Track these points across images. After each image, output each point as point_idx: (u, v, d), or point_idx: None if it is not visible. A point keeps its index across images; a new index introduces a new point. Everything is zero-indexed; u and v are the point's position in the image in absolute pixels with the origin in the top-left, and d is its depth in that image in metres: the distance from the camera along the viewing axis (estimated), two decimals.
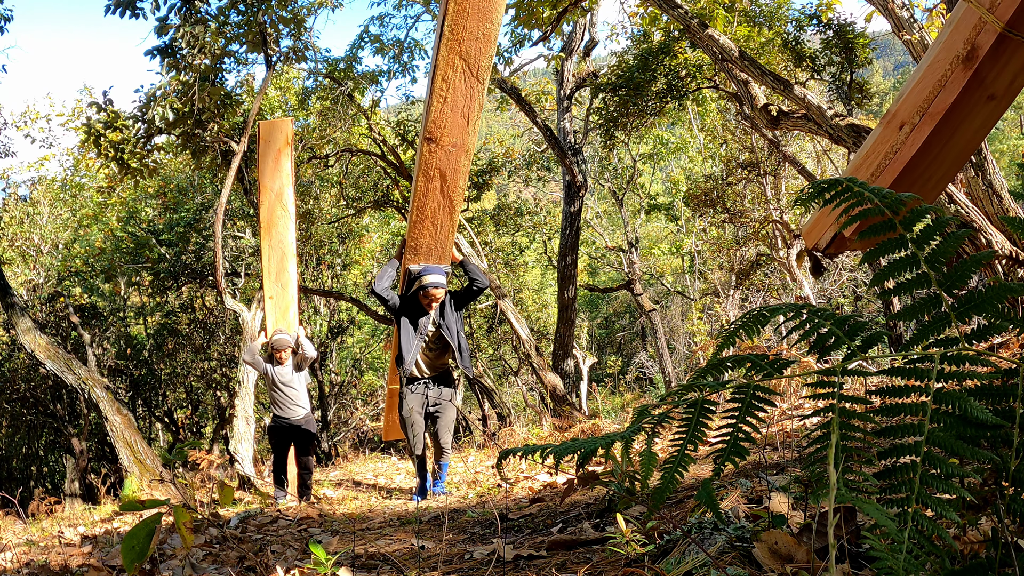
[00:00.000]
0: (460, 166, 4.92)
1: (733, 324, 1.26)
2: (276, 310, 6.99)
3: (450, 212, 5.11)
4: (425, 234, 5.21)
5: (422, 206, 5.05)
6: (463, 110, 4.66)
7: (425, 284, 5.07)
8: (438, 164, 4.88)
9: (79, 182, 15.85)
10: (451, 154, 4.83)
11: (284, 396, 6.26)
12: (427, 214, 5.08)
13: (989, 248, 4.90)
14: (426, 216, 5.09)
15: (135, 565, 1.31)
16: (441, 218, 5.12)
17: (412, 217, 5.12)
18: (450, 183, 4.95)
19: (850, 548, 1.41)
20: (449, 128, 4.72)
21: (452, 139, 4.77)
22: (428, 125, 4.71)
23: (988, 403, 0.99)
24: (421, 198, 5.03)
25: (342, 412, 19.22)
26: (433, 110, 4.64)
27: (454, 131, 4.74)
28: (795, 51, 9.54)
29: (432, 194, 5.02)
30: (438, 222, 5.15)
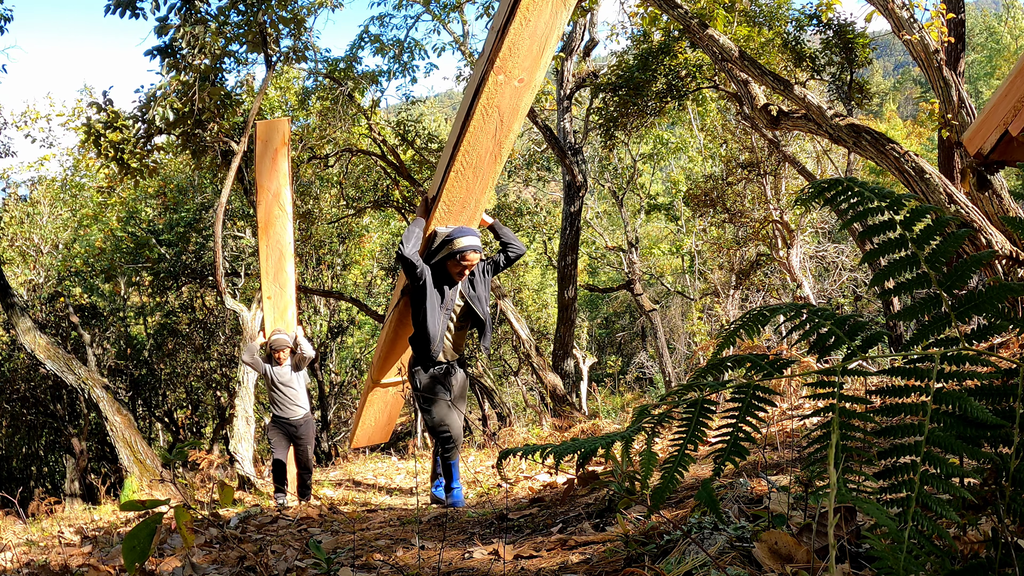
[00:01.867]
0: (520, 106, 4.23)
1: (733, 324, 1.26)
2: (274, 310, 6.99)
3: (495, 162, 4.36)
4: (462, 186, 4.40)
5: (469, 151, 4.25)
6: (542, 38, 4.04)
7: (460, 248, 4.28)
8: (499, 101, 4.13)
9: (79, 182, 15.85)
10: (516, 90, 4.14)
11: (283, 396, 6.27)
12: (472, 161, 4.28)
13: (989, 248, 4.90)
14: (470, 164, 4.29)
15: (136, 565, 1.31)
16: (485, 168, 4.34)
17: (453, 165, 4.31)
18: (505, 126, 4.22)
19: (850, 548, 1.41)
20: (522, 58, 4.05)
21: (522, 71, 4.10)
22: (501, 51, 4.00)
23: (988, 403, 0.99)
24: (471, 141, 4.23)
25: (342, 412, 19.22)
26: (511, 33, 3.96)
27: (527, 62, 4.07)
28: (795, 51, 9.54)
29: (483, 138, 4.22)
30: (481, 173, 4.35)
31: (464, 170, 4.31)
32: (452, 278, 4.40)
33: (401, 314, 4.93)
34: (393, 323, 5.04)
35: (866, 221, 1.09)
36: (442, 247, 4.38)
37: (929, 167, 5.27)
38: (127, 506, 1.43)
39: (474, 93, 4.19)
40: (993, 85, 28.74)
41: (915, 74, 39.99)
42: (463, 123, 4.28)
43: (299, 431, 6.34)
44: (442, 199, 4.45)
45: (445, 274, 4.40)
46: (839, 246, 15.54)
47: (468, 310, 4.54)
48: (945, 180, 5.24)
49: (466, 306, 4.53)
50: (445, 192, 4.42)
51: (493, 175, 4.44)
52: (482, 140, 4.24)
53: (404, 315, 4.89)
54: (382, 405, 5.93)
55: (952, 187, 5.19)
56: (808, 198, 1.15)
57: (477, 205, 4.54)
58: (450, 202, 4.46)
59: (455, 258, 4.31)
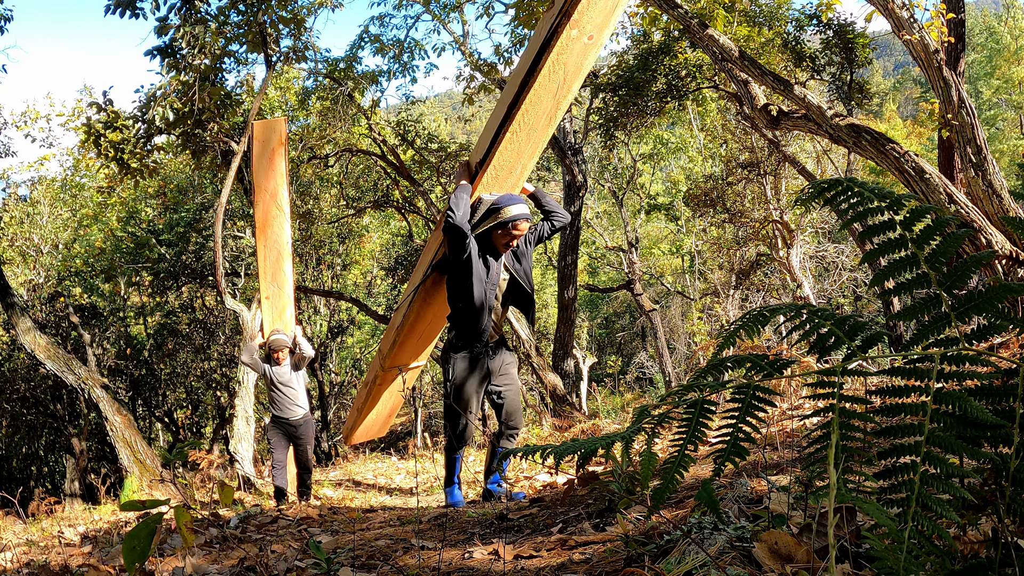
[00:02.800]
0: (583, 66, 3.97)
1: (733, 324, 1.26)
2: (273, 310, 6.98)
3: (548, 124, 4.02)
4: (513, 150, 4.03)
5: (528, 111, 3.93)
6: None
7: (511, 217, 3.91)
8: (567, 58, 3.86)
9: (79, 182, 15.85)
10: (585, 48, 3.92)
11: (282, 396, 6.27)
12: (528, 122, 3.95)
13: (989, 248, 4.91)
14: (526, 125, 3.94)
15: (136, 565, 1.31)
16: (539, 131, 4.01)
17: (508, 126, 3.98)
18: (567, 86, 3.95)
19: (850, 548, 1.41)
20: (597, 12, 3.85)
21: (593, 28, 3.89)
22: (579, 3, 3.81)
23: (988, 403, 0.99)
24: (532, 100, 3.92)
25: (342, 412, 19.22)
26: None
27: (599, 18, 3.88)
28: (795, 51, 9.54)
29: (544, 97, 3.91)
30: (534, 136, 4.01)
31: (519, 131, 3.96)
32: (497, 250, 4.02)
33: (428, 293, 4.49)
34: (417, 303, 4.53)
35: (866, 221, 1.09)
36: (488, 216, 3.97)
37: (929, 167, 5.27)
38: (127, 506, 1.43)
39: (541, 47, 3.90)
40: (993, 85, 28.77)
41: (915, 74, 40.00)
42: (525, 80, 3.95)
43: (299, 431, 6.34)
44: (492, 163, 4.04)
45: (490, 245, 4.01)
46: (839, 246, 15.54)
47: (514, 285, 4.18)
48: (945, 180, 5.25)
49: (511, 281, 4.18)
50: (496, 155, 4.02)
51: (544, 139, 4.11)
52: (543, 99, 3.93)
53: (432, 293, 4.48)
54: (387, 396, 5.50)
55: (952, 187, 5.19)
56: (808, 198, 1.15)
57: (524, 171, 4.18)
58: (499, 167, 4.07)
59: (505, 228, 3.94)
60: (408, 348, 4.88)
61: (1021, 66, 26.69)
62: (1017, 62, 26.88)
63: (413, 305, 4.56)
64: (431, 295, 4.51)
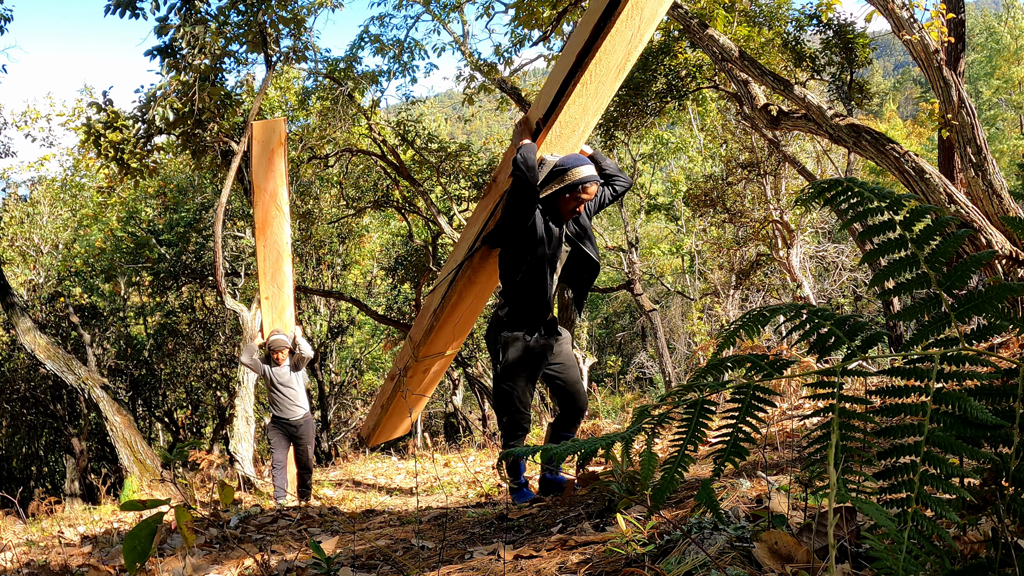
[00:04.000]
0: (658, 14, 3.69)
1: (733, 324, 1.26)
2: (272, 310, 6.98)
3: (616, 78, 3.65)
4: (580, 105, 3.65)
5: (601, 60, 3.58)
6: None
7: (583, 178, 3.50)
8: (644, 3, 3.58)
9: (79, 182, 15.85)
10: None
11: (282, 396, 6.28)
12: (599, 73, 3.59)
13: (989, 248, 4.91)
14: (596, 77, 3.58)
15: (136, 565, 1.31)
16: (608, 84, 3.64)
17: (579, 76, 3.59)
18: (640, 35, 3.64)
19: (850, 548, 1.41)
20: None
21: None
22: None
23: (988, 403, 0.99)
24: (607, 48, 3.56)
25: (342, 412, 19.22)
26: None
27: None
28: (795, 51, 9.54)
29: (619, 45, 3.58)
30: (602, 90, 3.64)
31: (589, 84, 3.58)
32: (562, 216, 3.61)
33: (474, 270, 4.03)
34: (460, 282, 4.06)
35: (866, 221, 1.09)
36: (554, 177, 3.57)
37: (929, 167, 5.27)
38: (127, 506, 1.43)
39: None
40: (993, 85, 28.77)
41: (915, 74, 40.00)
42: (600, 25, 3.60)
43: (299, 431, 6.35)
44: (557, 119, 3.65)
45: (554, 211, 3.61)
46: (839, 246, 15.55)
47: (576, 258, 3.72)
48: (945, 180, 5.25)
49: (573, 253, 3.73)
50: (563, 111, 3.63)
51: (610, 95, 3.75)
52: (617, 48, 3.57)
53: (478, 271, 4.04)
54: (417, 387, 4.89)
55: (952, 187, 5.19)
56: (808, 198, 1.15)
57: (586, 130, 3.81)
58: (565, 123, 3.66)
59: (574, 191, 3.53)
60: (444, 334, 4.38)
61: (1021, 66, 26.69)
62: (1017, 62, 26.88)
63: (455, 285, 4.06)
64: (477, 273, 4.04)
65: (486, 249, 3.91)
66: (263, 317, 7.01)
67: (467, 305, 4.24)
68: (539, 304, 3.61)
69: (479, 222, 4.02)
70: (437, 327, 4.24)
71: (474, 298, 4.22)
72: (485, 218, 3.94)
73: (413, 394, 4.79)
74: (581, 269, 3.72)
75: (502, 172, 3.89)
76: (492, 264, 3.93)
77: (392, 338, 18.50)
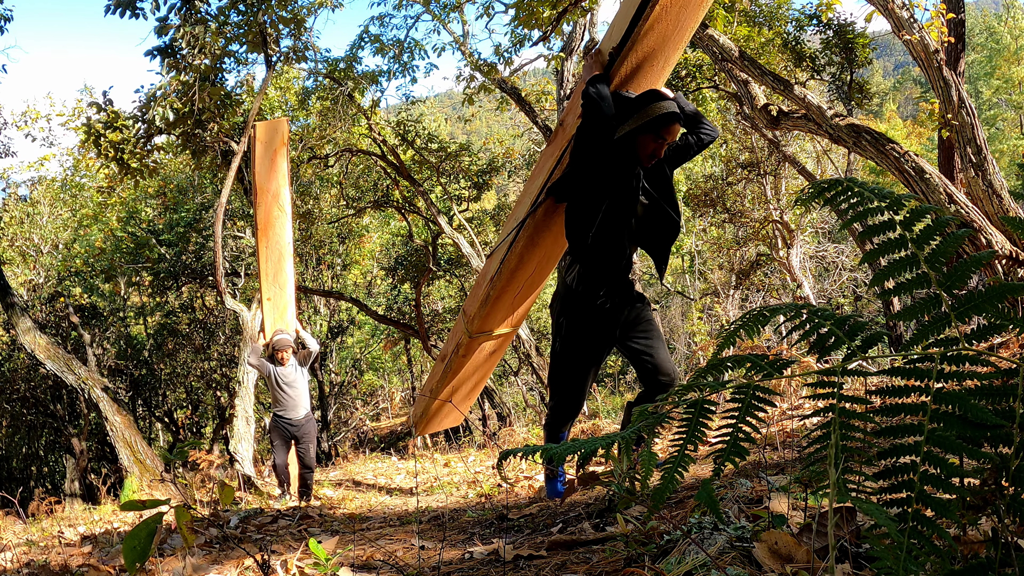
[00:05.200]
0: None
1: (733, 324, 1.26)
2: (274, 311, 6.98)
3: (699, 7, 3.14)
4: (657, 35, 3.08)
5: None
6: None
7: (664, 114, 2.95)
8: None
9: (79, 182, 15.85)
10: None
11: (286, 396, 6.29)
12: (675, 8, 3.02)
13: (989, 248, 4.91)
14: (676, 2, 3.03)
15: (136, 565, 1.31)
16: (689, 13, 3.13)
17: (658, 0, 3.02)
18: None
19: (850, 548, 1.41)
20: None
21: None
22: None
23: (988, 403, 0.99)
24: None
25: (342, 412, 19.22)
26: None
27: None
28: (795, 51, 9.54)
29: None
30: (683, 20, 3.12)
31: (670, 8, 3.04)
32: (640, 160, 3.06)
33: (537, 228, 3.51)
34: (521, 243, 3.54)
35: (866, 221, 1.09)
36: (630, 114, 3.02)
37: (929, 167, 5.27)
38: (127, 506, 1.43)
39: None
40: (993, 85, 28.76)
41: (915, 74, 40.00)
42: None
43: (300, 431, 6.36)
44: (633, 50, 3.10)
45: (631, 154, 3.05)
46: (839, 246, 15.55)
47: (653, 212, 3.15)
48: (945, 180, 5.25)
49: (650, 207, 3.14)
50: (640, 40, 3.09)
51: (694, 26, 3.24)
52: None
53: (542, 229, 3.52)
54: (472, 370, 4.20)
55: (952, 187, 5.19)
56: (808, 198, 1.15)
57: (667, 67, 3.29)
58: (642, 55, 3.13)
59: (655, 129, 2.97)
60: (503, 305, 3.82)
61: (1021, 66, 26.69)
62: (1017, 62, 26.88)
63: (515, 247, 3.55)
64: (540, 232, 3.53)
65: (551, 203, 3.39)
66: (265, 317, 7.01)
67: (529, 272, 3.70)
68: (614, 265, 3.10)
69: (543, 172, 3.51)
70: (494, 297, 3.69)
71: (537, 264, 3.70)
72: (551, 167, 3.43)
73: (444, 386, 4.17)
74: (659, 229, 3.15)
75: (569, 113, 3.40)
76: (558, 222, 3.45)
77: (392, 338, 18.51)
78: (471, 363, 4.06)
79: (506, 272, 3.60)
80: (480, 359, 4.09)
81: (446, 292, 19.48)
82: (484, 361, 4.14)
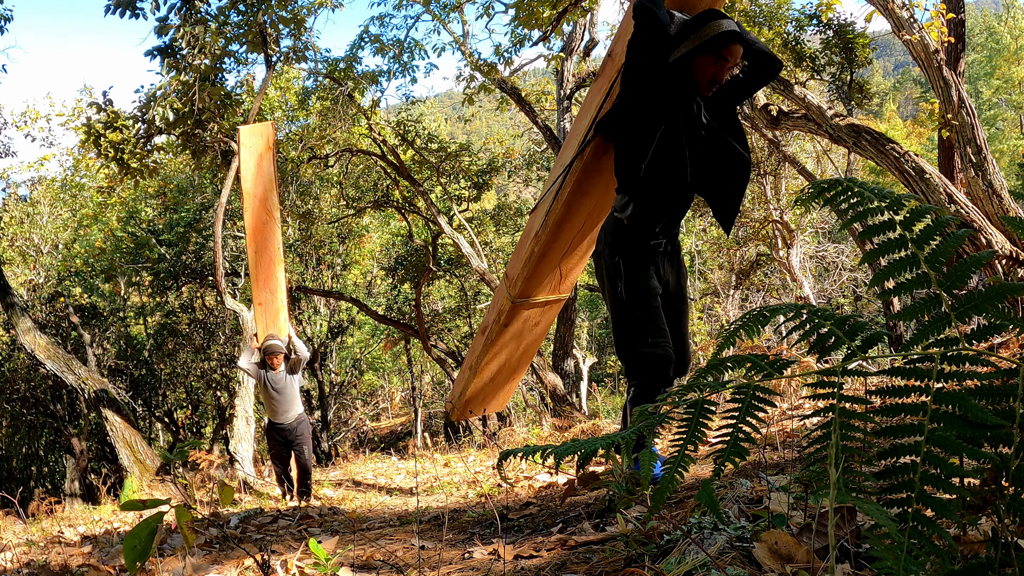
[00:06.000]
0: None
1: (733, 324, 1.26)
2: (266, 316, 6.88)
3: None
4: None
5: None
6: None
7: (723, 32, 2.63)
8: None
9: (79, 182, 15.86)
10: None
11: (276, 401, 6.26)
12: None
13: (989, 248, 4.91)
14: None
15: (136, 565, 1.31)
16: None
17: None
18: None
19: (850, 548, 1.41)
20: None
21: None
22: None
23: (988, 403, 0.99)
24: None
25: (342, 412, 19.23)
26: None
27: None
28: (795, 51, 9.54)
29: None
30: None
31: None
32: (698, 88, 2.72)
33: (586, 171, 3.09)
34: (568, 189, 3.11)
35: (866, 221, 1.09)
36: (686, 34, 2.69)
37: (929, 167, 5.27)
38: (127, 506, 1.43)
39: None
40: (993, 85, 28.76)
41: (915, 74, 40.00)
42: None
43: (293, 434, 6.34)
44: None
45: (688, 81, 2.70)
46: (839, 246, 15.55)
47: (715, 148, 2.78)
48: (945, 180, 5.25)
49: (715, 146, 2.78)
50: None
51: None
52: None
53: (591, 172, 3.11)
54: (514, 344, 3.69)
55: (952, 187, 5.19)
56: (808, 198, 1.15)
57: None
58: None
59: (714, 50, 2.64)
60: (548, 265, 3.37)
61: (1021, 66, 26.69)
62: (1017, 62, 26.88)
63: (562, 194, 3.14)
64: (589, 176, 3.12)
65: (600, 142, 3.03)
66: (256, 323, 6.92)
67: (577, 226, 3.24)
68: (671, 202, 2.72)
69: (591, 109, 3.11)
70: (538, 255, 3.27)
71: (587, 216, 3.26)
72: (599, 102, 3.06)
73: None
74: (726, 168, 2.78)
75: (618, 42, 3.07)
76: (608, 166, 3.04)
77: (392, 338, 18.51)
78: (513, 335, 3.58)
79: (551, 224, 3.16)
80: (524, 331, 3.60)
81: (446, 292, 19.48)
82: (529, 334, 3.65)
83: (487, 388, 3.92)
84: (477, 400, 3.96)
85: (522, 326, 3.61)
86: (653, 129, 2.66)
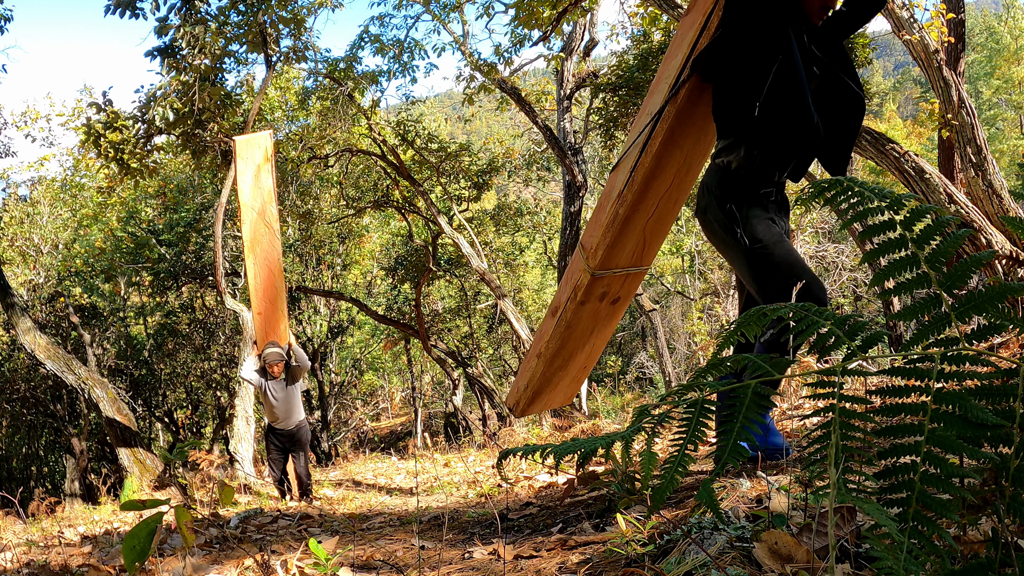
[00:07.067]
0: None
1: (733, 324, 1.26)
2: (266, 325, 6.82)
3: None
4: None
5: None
6: None
7: None
8: None
9: (79, 182, 15.86)
10: None
11: (277, 408, 6.26)
12: None
13: (989, 248, 4.91)
14: None
15: (136, 565, 1.31)
16: None
17: None
18: None
19: (850, 548, 1.41)
20: None
21: None
22: None
23: (988, 403, 0.99)
24: None
25: (342, 412, 19.23)
26: None
27: None
28: None
29: None
30: None
31: None
32: (807, 17, 2.50)
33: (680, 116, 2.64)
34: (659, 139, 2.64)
35: (866, 221, 1.09)
36: None
37: (929, 167, 5.27)
38: (127, 506, 1.43)
39: None
40: (993, 85, 28.76)
41: (915, 74, 40.00)
42: None
43: (293, 439, 6.35)
44: None
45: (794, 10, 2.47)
46: (839, 246, 15.54)
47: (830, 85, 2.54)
48: (945, 180, 5.25)
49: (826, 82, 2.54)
50: None
51: None
52: None
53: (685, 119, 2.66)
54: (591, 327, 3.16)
55: (952, 187, 5.19)
56: (808, 198, 1.15)
57: None
58: None
59: None
60: (634, 230, 2.86)
61: (1021, 66, 26.70)
62: (1017, 62, 26.89)
63: (651, 145, 2.66)
64: (683, 124, 2.67)
65: (696, 83, 2.59)
66: (256, 332, 6.87)
67: (666, 184, 2.78)
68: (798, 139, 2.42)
69: (683, 46, 2.68)
70: (623, 217, 2.77)
71: (676, 173, 2.80)
72: (692, 38, 2.63)
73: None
74: (840, 107, 2.53)
75: None
76: (703, 114, 2.68)
77: (392, 338, 18.51)
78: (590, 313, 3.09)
79: (639, 181, 2.70)
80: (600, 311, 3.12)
81: (446, 292, 19.48)
82: (605, 315, 3.16)
83: (557, 378, 3.33)
84: (545, 392, 3.38)
85: (598, 306, 3.10)
86: (768, 62, 2.34)
